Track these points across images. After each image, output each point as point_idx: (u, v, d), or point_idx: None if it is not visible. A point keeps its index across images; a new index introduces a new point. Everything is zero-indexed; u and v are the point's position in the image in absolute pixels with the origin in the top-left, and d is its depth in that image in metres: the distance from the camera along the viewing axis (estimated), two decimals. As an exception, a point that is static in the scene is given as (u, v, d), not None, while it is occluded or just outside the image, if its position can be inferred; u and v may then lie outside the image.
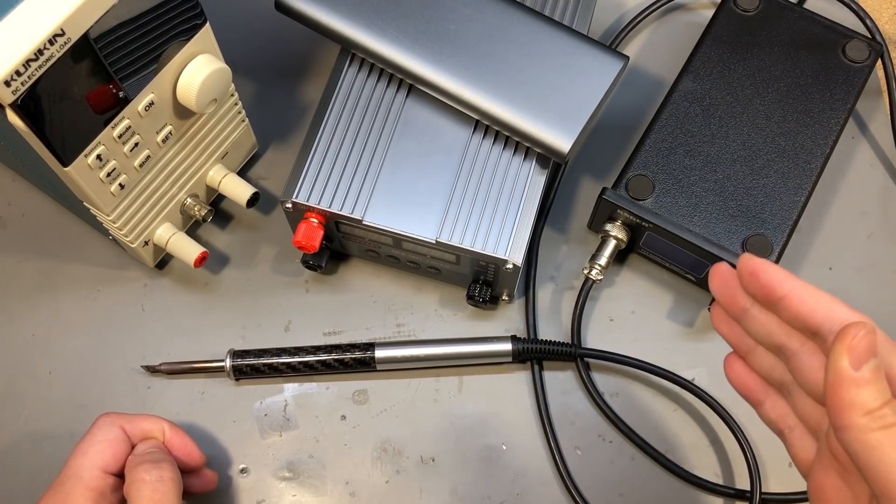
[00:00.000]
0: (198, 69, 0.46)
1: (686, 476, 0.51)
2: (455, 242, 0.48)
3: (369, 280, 0.56)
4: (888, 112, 0.61)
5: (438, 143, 0.51)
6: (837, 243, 0.57)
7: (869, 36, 0.59)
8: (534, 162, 0.51)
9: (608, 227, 0.53)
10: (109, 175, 0.46)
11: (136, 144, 0.46)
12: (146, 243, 0.53)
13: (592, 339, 0.55)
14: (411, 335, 0.55)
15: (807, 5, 0.60)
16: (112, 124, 0.44)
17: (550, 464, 0.51)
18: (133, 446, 0.45)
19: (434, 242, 0.49)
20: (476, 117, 0.51)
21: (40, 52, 0.37)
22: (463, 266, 0.52)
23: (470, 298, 0.53)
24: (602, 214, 0.54)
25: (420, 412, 0.53)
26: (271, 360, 0.52)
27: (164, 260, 0.57)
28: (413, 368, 0.54)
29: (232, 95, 0.52)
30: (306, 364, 0.52)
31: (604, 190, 0.52)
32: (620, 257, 0.57)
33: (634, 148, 0.54)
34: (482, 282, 0.53)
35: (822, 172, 0.53)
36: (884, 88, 0.61)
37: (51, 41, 0.38)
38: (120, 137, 0.45)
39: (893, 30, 0.65)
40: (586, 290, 0.54)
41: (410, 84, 0.52)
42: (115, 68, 0.42)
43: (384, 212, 0.49)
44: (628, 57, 0.51)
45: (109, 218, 0.49)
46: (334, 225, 0.51)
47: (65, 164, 0.43)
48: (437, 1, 0.51)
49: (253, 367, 0.52)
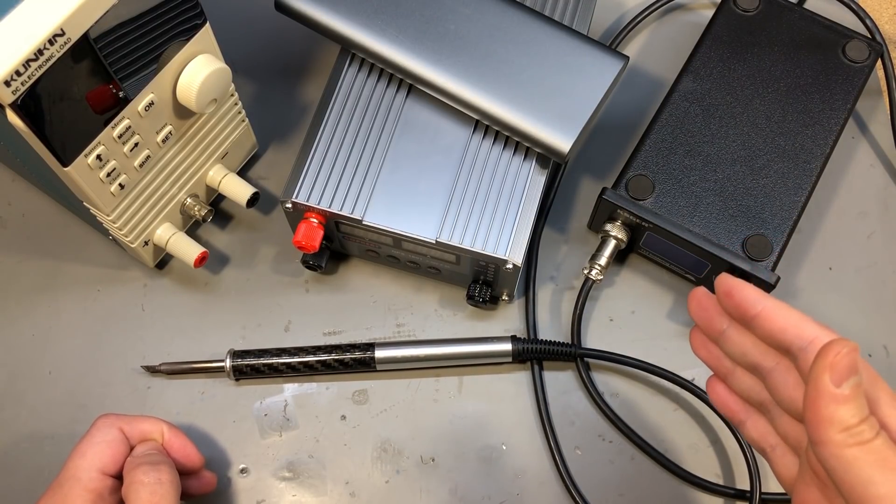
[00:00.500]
0: (198, 69, 0.46)
1: (686, 476, 0.51)
2: (455, 242, 0.48)
3: (369, 280, 0.56)
4: (888, 112, 0.61)
5: (438, 143, 0.51)
6: (837, 243, 0.57)
7: (869, 36, 0.59)
8: (534, 162, 0.51)
9: (608, 227, 0.53)
10: (109, 175, 0.46)
11: (136, 144, 0.46)
12: (146, 243, 0.53)
13: (592, 339, 0.55)
14: (411, 335, 0.55)
15: (807, 5, 0.60)
16: (112, 124, 0.44)
17: (550, 464, 0.51)
18: (132, 448, 0.45)
19: (434, 242, 0.49)
20: (476, 117, 0.51)
21: (40, 52, 0.37)
22: (463, 266, 0.52)
23: (470, 298, 0.53)
24: (602, 214, 0.54)
25: (420, 412, 0.53)
26: (271, 361, 0.52)
27: (164, 260, 0.57)
28: (413, 368, 0.54)
29: (232, 95, 0.52)
30: (306, 364, 0.52)
31: (604, 190, 0.52)
32: (620, 257, 0.57)
33: (634, 148, 0.54)
34: (482, 282, 0.53)
35: (822, 172, 0.53)
36: (884, 88, 0.62)
37: (51, 41, 0.38)
38: (120, 137, 0.45)
39: (893, 30, 0.65)
40: (586, 290, 0.54)
41: (410, 84, 0.52)
42: (115, 68, 0.42)
43: (384, 212, 0.49)
44: (628, 57, 0.51)
45: (109, 218, 0.49)
46: (334, 225, 0.51)
47: (65, 164, 0.43)
48: (437, 1, 0.51)
49: (253, 368, 0.52)
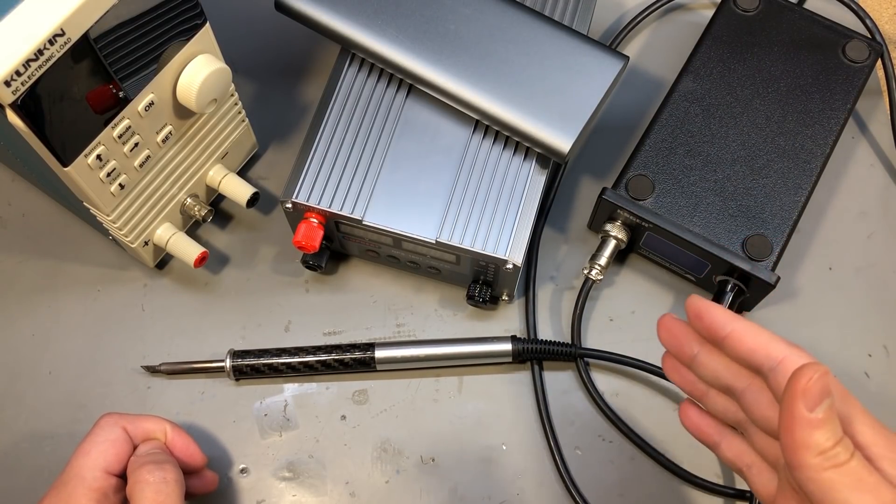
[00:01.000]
0: (198, 69, 0.46)
1: (686, 476, 0.51)
2: (455, 242, 0.48)
3: (369, 280, 0.56)
4: (888, 112, 0.61)
5: (438, 143, 0.51)
6: (837, 243, 0.57)
7: (869, 36, 0.59)
8: (534, 162, 0.51)
9: (608, 227, 0.53)
10: (109, 175, 0.46)
11: (136, 144, 0.46)
12: (146, 243, 0.53)
13: (592, 339, 0.55)
14: (411, 335, 0.55)
15: (807, 5, 0.60)
16: (112, 124, 0.44)
17: (550, 464, 0.51)
18: (135, 447, 0.45)
19: (434, 242, 0.49)
20: (476, 117, 0.51)
21: (40, 52, 0.37)
22: (463, 266, 0.52)
23: (470, 298, 0.53)
24: (602, 214, 0.54)
25: (420, 412, 0.53)
26: (271, 361, 0.52)
27: (164, 260, 0.57)
28: (413, 368, 0.54)
29: (232, 95, 0.52)
30: (306, 364, 0.52)
31: (604, 190, 0.52)
32: (620, 257, 0.57)
33: (634, 148, 0.54)
34: (482, 282, 0.53)
35: (822, 172, 0.53)
36: (884, 88, 0.62)
37: (51, 41, 0.38)
38: (120, 137, 0.45)
39: (893, 30, 0.65)
40: (586, 290, 0.54)
41: (410, 84, 0.52)
42: (115, 68, 0.42)
43: (384, 212, 0.49)
44: (628, 57, 0.51)
45: (109, 218, 0.49)
46: (334, 225, 0.51)
47: (65, 164, 0.43)
48: (437, 1, 0.51)
49: (253, 367, 0.52)
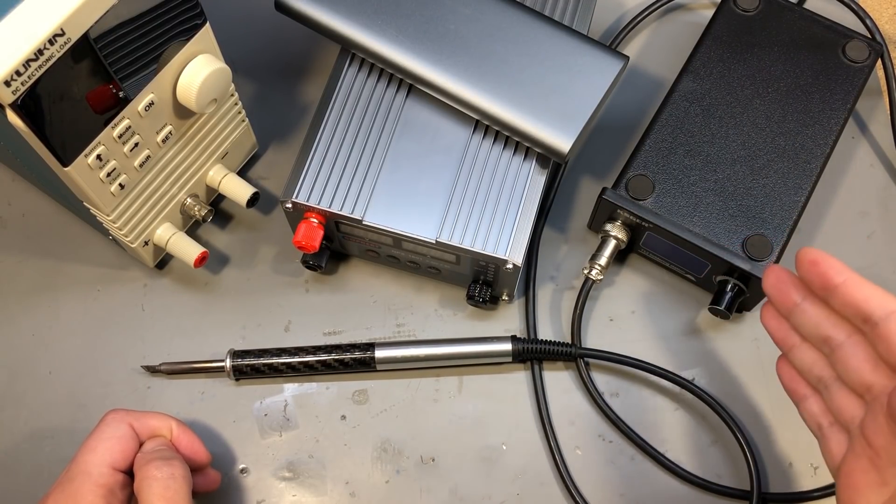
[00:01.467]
0: (198, 69, 0.46)
1: (686, 476, 0.51)
2: (455, 242, 0.48)
3: (369, 280, 0.56)
4: (888, 112, 0.61)
5: (438, 143, 0.51)
6: (837, 243, 0.57)
7: (869, 36, 0.59)
8: (534, 162, 0.51)
9: (608, 227, 0.53)
10: (109, 175, 0.46)
11: (136, 144, 0.46)
12: (146, 243, 0.53)
13: (592, 339, 0.55)
14: (411, 335, 0.55)
15: (807, 5, 0.60)
16: (112, 124, 0.44)
17: (550, 464, 0.51)
18: (141, 444, 0.45)
19: (434, 242, 0.49)
20: (476, 117, 0.51)
21: (40, 52, 0.37)
22: (463, 266, 0.52)
23: (470, 298, 0.53)
24: (602, 214, 0.54)
25: (420, 412, 0.53)
26: (271, 360, 0.52)
27: (164, 260, 0.57)
28: (413, 368, 0.54)
29: (232, 95, 0.52)
30: (306, 364, 0.52)
31: (604, 190, 0.52)
32: (620, 257, 0.57)
33: (634, 148, 0.54)
34: (482, 282, 0.53)
35: (822, 172, 0.53)
36: (884, 88, 0.61)
37: (51, 41, 0.38)
38: (120, 137, 0.45)
39: (893, 30, 0.65)
40: (586, 290, 0.54)
41: (410, 84, 0.52)
42: (115, 68, 0.42)
43: (384, 212, 0.49)
44: (628, 57, 0.51)
45: (109, 218, 0.49)
46: (334, 225, 0.51)
47: (65, 164, 0.43)
48: (437, 1, 0.51)
49: (253, 367, 0.52)
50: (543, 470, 0.51)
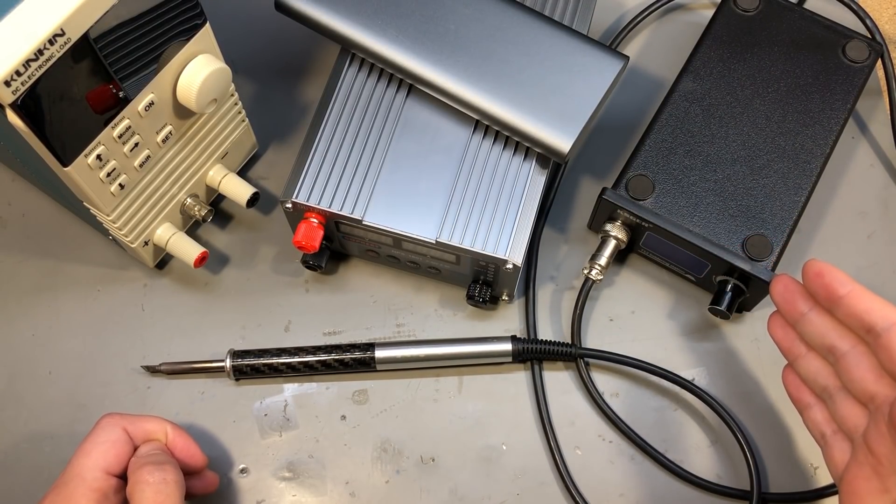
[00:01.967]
0: (198, 69, 0.46)
1: (686, 476, 0.51)
2: (455, 242, 0.48)
3: (369, 280, 0.56)
4: (888, 112, 0.61)
5: (438, 143, 0.51)
6: (837, 243, 0.57)
7: (869, 36, 0.59)
8: (534, 162, 0.51)
9: (608, 227, 0.53)
10: (109, 175, 0.46)
11: (136, 144, 0.46)
12: (146, 243, 0.53)
13: (592, 339, 0.55)
14: (411, 335, 0.55)
15: (807, 5, 0.60)
16: (112, 124, 0.44)
17: (550, 464, 0.51)
18: (135, 448, 0.45)
19: (434, 242, 0.49)
20: (476, 117, 0.51)
21: (40, 52, 0.37)
22: (463, 266, 0.52)
23: (470, 298, 0.53)
24: (602, 214, 0.54)
25: (420, 412, 0.53)
26: (271, 360, 0.52)
27: (164, 260, 0.57)
28: (413, 368, 0.54)
29: (232, 95, 0.52)
30: (306, 364, 0.52)
31: (604, 190, 0.52)
32: (620, 257, 0.57)
33: (634, 148, 0.54)
34: (482, 282, 0.53)
35: (822, 172, 0.53)
36: (884, 88, 0.61)
37: (51, 41, 0.38)
38: (120, 137, 0.45)
39: (893, 30, 0.65)
40: (586, 290, 0.54)
41: (410, 84, 0.52)
42: (115, 68, 0.42)
43: (384, 212, 0.49)
44: (628, 57, 0.51)
45: (109, 218, 0.49)
46: (334, 225, 0.51)
47: (65, 164, 0.43)
48: (437, 1, 0.51)
49: (253, 367, 0.52)
50: (543, 470, 0.51)
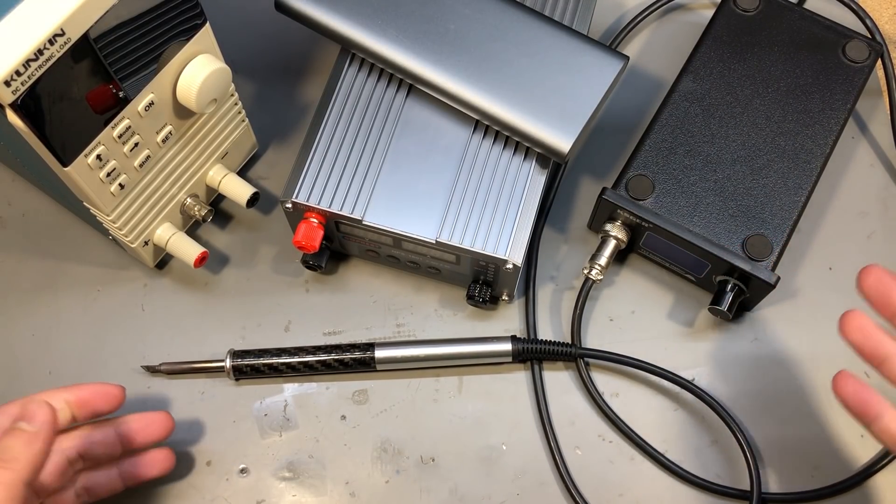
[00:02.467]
0: (198, 69, 0.46)
1: (686, 476, 0.51)
2: (455, 242, 0.48)
3: (369, 280, 0.56)
4: (888, 112, 0.61)
5: (438, 143, 0.51)
6: (837, 243, 0.57)
7: (869, 36, 0.59)
8: (534, 162, 0.51)
9: (608, 227, 0.53)
10: (109, 175, 0.46)
11: (136, 144, 0.46)
12: (146, 243, 0.53)
13: (592, 339, 0.55)
14: (411, 335, 0.55)
15: (807, 5, 0.60)
16: (112, 124, 0.44)
17: (550, 464, 0.51)
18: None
19: (434, 242, 0.49)
20: (476, 117, 0.51)
21: (40, 52, 0.37)
22: (463, 266, 0.52)
23: (470, 298, 0.53)
24: (602, 214, 0.54)
25: (420, 412, 0.53)
26: (271, 360, 0.52)
27: (164, 260, 0.57)
28: (413, 368, 0.54)
29: (232, 95, 0.52)
30: (306, 364, 0.52)
31: (604, 190, 0.52)
32: (620, 257, 0.57)
33: (634, 148, 0.54)
34: (482, 282, 0.53)
35: (822, 172, 0.53)
36: (884, 88, 0.61)
37: (51, 41, 0.38)
38: (120, 137, 0.45)
39: (893, 30, 0.65)
40: (586, 290, 0.54)
41: (410, 84, 0.52)
42: (115, 68, 0.42)
43: (384, 212, 0.49)
44: (628, 57, 0.51)
45: (109, 218, 0.49)
46: (334, 225, 0.51)
47: (65, 164, 0.43)
48: (437, 1, 0.51)
49: (253, 367, 0.52)
50: (543, 470, 0.51)
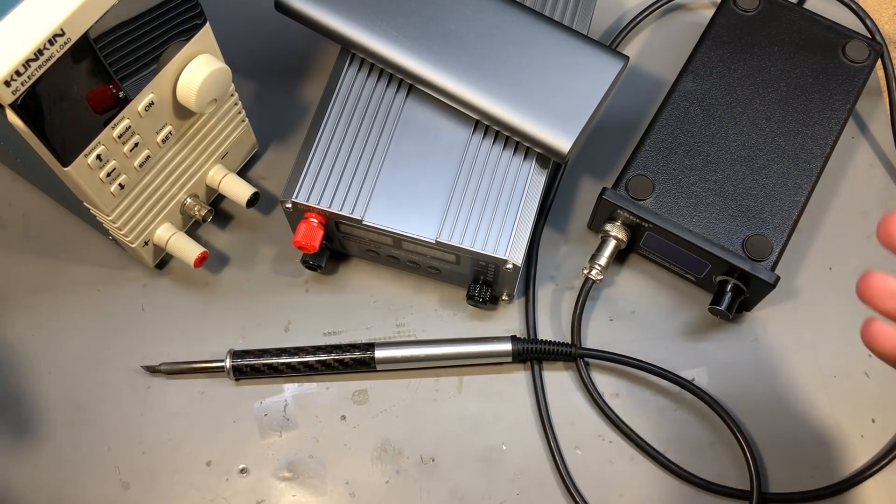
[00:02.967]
0: (198, 69, 0.46)
1: (686, 476, 0.51)
2: (455, 242, 0.48)
3: (369, 280, 0.56)
4: (888, 112, 0.61)
5: (438, 143, 0.51)
6: (837, 243, 0.57)
7: (869, 36, 0.59)
8: (534, 162, 0.51)
9: (608, 227, 0.53)
10: (109, 175, 0.46)
11: (136, 144, 0.46)
12: (146, 243, 0.53)
13: (592, 339, 0.55)
14: (411, 335, 0.55)
15: (807, 5, 0.60)
16: (112, 124, 0.44)
17: (550, 464, 0.51)
18: None
19: (434, 242, 0.49)
20: (476, 117, 0.51)
21: (40, 52, 0.37)
22: (463, 266, 0.52)
23: (470, 298, 0.53)
24: (602, 214, 0.54)
25: (420, 412, 0.53)
26: (271, 361, 0.52)
27: (164, 260, 0.57)
28: (413, 368, 0.54)
29: (232, 95, 0.52)
30: (306, 364, 0.52)
31: (604, 190, 0.52)
32: (620, 257, 0.57)
33: (634, 148, 0.54)
34: (482, 282, 0.53)
35: (822, 172, 0.53)
36: (884, 88, 0.62)
37: (51, 41, 0.38)
38: (120, 137, 0.45)
39: (893, 30, 0.65)
40: (586, 290, 0.54)
41: (410, 84, 0.52)
42: (115, 68, 0.42)
43: (384, 212, 0.49)
44: (628, 57, 0.51)
45: (109, 218, 0.49)
46: (334, 225, 0.51)
47: (65, 164, 0.43)
48: (437, 1, 0.51)
49: (253, 368, 0.52)
50: (543, 470, 0.51)
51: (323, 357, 0.52)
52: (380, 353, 0.52)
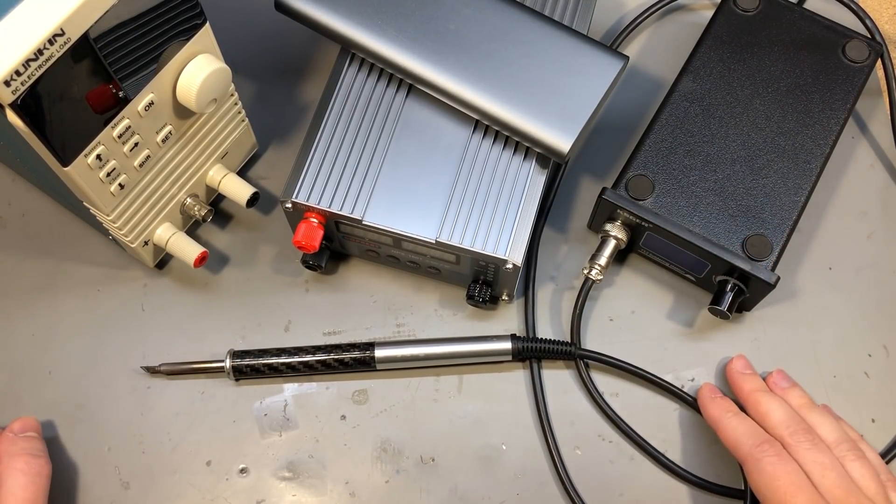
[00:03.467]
0: (198, 69, 0.46)
1: (686, 476, 0.51)
2: (455, 242, 0.48)
3: (369, 280, 0.56)
4: (888, 112, 0.61)
5: (438, 143, 0.51)
6: (837, 243, 0.57)
7: (869, 36, 0.59)
8: (534, 162, 0.51)
9: (608, 227, 0.53)
10: (109, 175, 0.46)
11: (136, 144, 0.46)
12: (146, 243, 0.53)
13: (592, 339, 0.55)
14: (411, 335, 0.55)
15: (807, 5, 0.60)
16: (112, 124, 0.44)
17: (550, 464, 0.51)
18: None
19: (434, 242, 0.49)
20: (476, 117, 0.51)
21: (40, 52, 0.37)
22: (463, 266, 0.52)
23: (470, 298, 0.53)
24: (602, 214, 0.54)
25: (420, 412, 0.53)
26: (271, 361, 0.52)
27: (164, 260, 0.57)
28: (413, 368, 0.54)
29: (232, 95, 0.52)
30: (306, 364, 0.52)
31: (604, 190, 0.52)
32: (620, 257, 0.57)
33: (634, 148, 0.54)
34: (482, 282, 0.53)
35: (822, 172, 0.53)
36: (884, 88, 0.61)
37: (51, 41, 0.38)
38: (120, 137, 0.45)
39: (893, 30, 0.65)
40: (586, 290, 0.54)
41: (410, 84, 0.52)
42: (115, 68, 0.42)
43: (384, 212, 0.49)
44: (628, 57, 0.51)
45: (109, 218, 0.49)
46: (334, 225, 0.51)
47: (65, 164, 0.43)
48: (437, 1, 0.51)
49: (253, 368, 0.52)
50: (543, 470, 0.51)
51: (323, 357, 0.52)
52: (380, 353, 0.52)
